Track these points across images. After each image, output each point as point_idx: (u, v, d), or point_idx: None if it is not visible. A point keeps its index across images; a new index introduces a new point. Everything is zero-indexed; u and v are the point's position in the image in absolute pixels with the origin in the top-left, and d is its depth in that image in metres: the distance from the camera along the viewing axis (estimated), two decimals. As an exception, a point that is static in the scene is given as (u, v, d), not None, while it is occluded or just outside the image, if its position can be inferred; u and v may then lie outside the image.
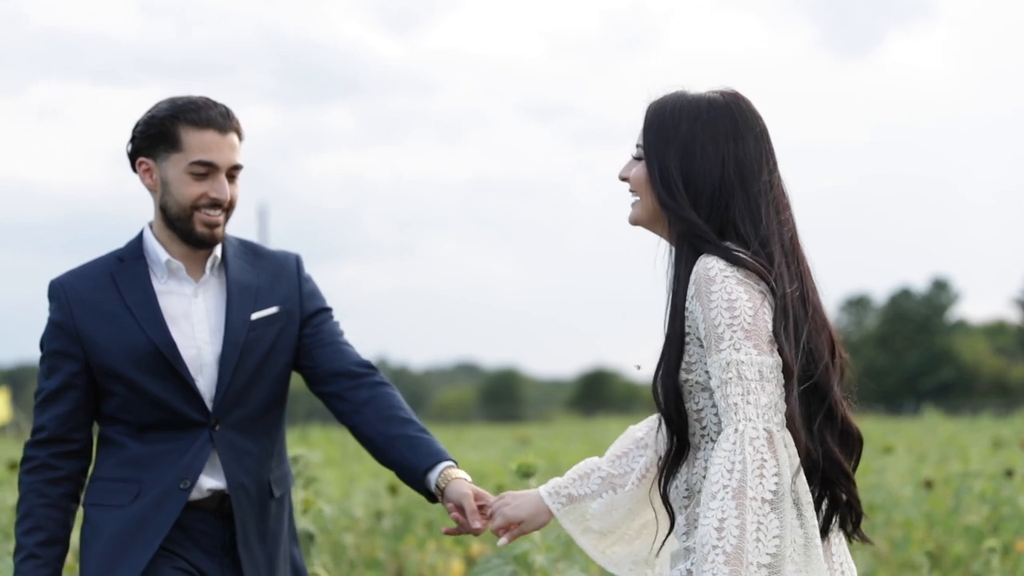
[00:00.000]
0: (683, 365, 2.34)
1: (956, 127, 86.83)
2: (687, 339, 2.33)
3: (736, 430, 2.21)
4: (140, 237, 2.95)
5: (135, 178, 2.96)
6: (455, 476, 2.86)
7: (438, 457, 2.89)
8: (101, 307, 2.87)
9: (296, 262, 3.04)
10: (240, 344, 2.89)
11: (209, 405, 2.87)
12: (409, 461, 2.89)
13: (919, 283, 62.32)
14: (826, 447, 2.30)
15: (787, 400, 2.26)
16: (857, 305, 60.80)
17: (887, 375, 54.52)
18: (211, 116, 2.84)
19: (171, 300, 2.89)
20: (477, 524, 2.78)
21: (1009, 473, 6.91)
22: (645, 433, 2.68)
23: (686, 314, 2.33)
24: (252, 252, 3.02)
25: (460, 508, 2.81)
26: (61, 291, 2.90)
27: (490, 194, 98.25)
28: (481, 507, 2.80)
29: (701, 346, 2.32)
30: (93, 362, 2.86)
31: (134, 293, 2.88)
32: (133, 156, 2.90)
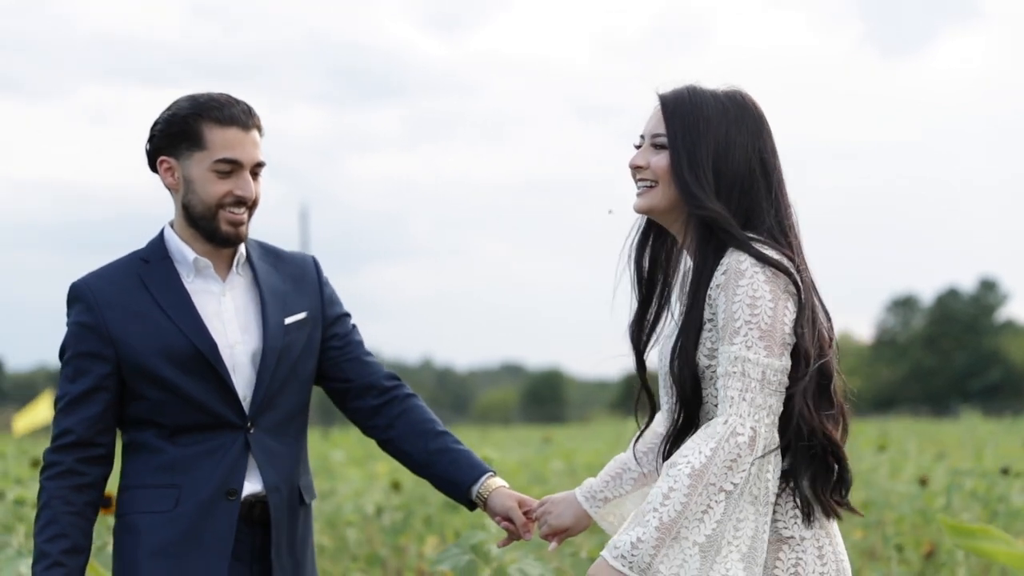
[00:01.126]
0: (706, 352, 2.42)
1: (1004, 127, 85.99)
2: (708, 326, 2.42)
3: (725, 422, 2.31)
4: (162, 237, 2.91)
5: None
6: (496, 486, 2.91)
7: (480, 470, 2.94)
8: (132, 308, 2.81)
9: (315, 265, 3.03)
10: (278, 348, 2.85)
11: (245, 407, 2.83)
12: (452, 475, 2.94)
13: (967, 283, 61.99)
14: (821, 418, 2.42)
15: (798, 382, 2.36)
16: (904, 306, 60.37)
17: (934, 376, 54.15)
18: (234, 113, 2.79)
19: (201, 299, 2.85)
20: (528, 536, 2.88)
21: (1005, 471, 6.98)
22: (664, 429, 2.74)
23: (708, 302, 2.42)
24: (273, 254, 2.99)
25: (509, 519, 2.88)
26: (88, 293, 2.83)
27: (536, 195, 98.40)
28: (526, 513, 2.88)
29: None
30: (126, 364, 2.80)
31: (167, 294, 2.82)
32: (154, 155, 2.85)
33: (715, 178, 2.45)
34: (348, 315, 3.05)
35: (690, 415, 2.46)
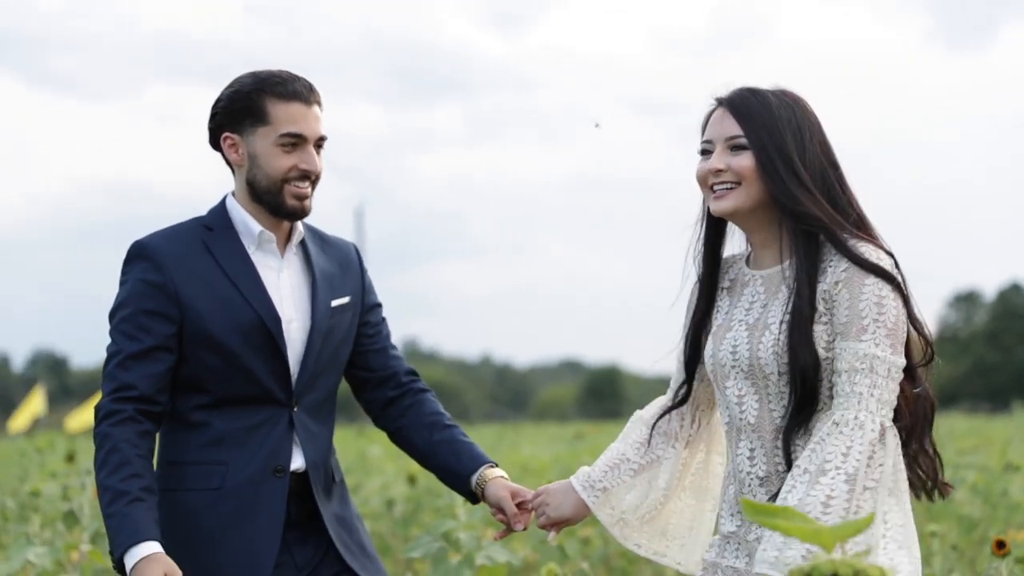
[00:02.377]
0: (823, 345, 2.47)
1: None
2: (824, 319, 2.47)
3: (856, 418, 2.38)
4: (224, 207, 2.90)
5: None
6: (492, 476, 2.93)
7: (480, 460, 2.96)
8: (199, 272, 2.81)
9: (356, 252, 3.06)
10: (324, 329, 2.88)
11: (292, 384, 2.85)
12: (452, 465, 2.97)
13: (1030, 278, 61.07)
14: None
15: (921, 380, 2.49)
16: (966, 301, 59.78)
17: (997, 372, 53.57)
18: (296, 89, 2.81)
19: (263, 272, 2.86)
20: (519, 527, 2.89)
21: (1016, 468, 7.04)
22: (666, 422, 2.81)
23: (823, 297, 2.47)
24: (319, 237, 3.01)
25: (501, 510, 2.90)
26: (155, 252, 2.81)
27: (595, 192, 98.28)
28: (520, 504, 2.89)
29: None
30: (191, 328, 2.78)
31: (233, 263, 2.83)
32: (217, 132, 2.86)
33: (806, 174, 2.52)
34: (381, 305, 3.09)
35: (806, 407, 2.48)
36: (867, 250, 2.47)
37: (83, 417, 25.90)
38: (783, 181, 2.51)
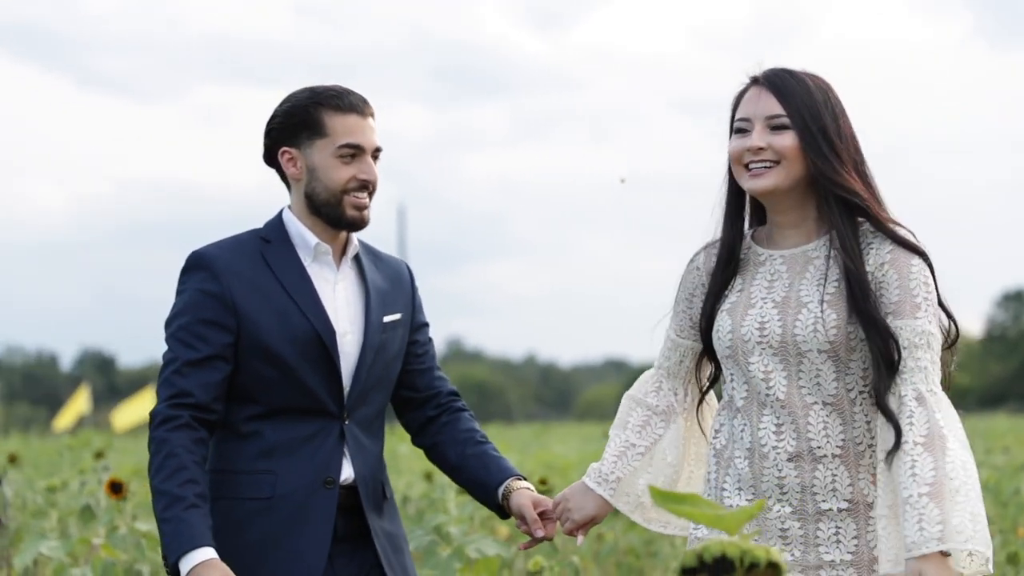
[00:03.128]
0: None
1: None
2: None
3: (931, 391, 2.47)
4: (280, 220, 2.93)
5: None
6: (517, 487, 2.94)
7: (507, 473, 2.97)
8: (256, 283, 2.83)
9: (409, 270, 3.09)
10: (376, 343, 2.90)
11: (345, 397, 2.87)
12: (481, 478, 2.99)
13: (1079, 276, 60.46)
14: None
15: (945, 361, 2.57)
16: (1015, 300, 59.22)
17: (1046, 371, 53.05)
18: (352, 101, 2.85)
19: (319, 284, 2.88)
20: (540, 533, 2.89)
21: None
22: (661, 399, 2.85)
23: (870, 272, 2.54)
24: (373, 253, 3.03)
25: (524, 519, 2.92)
26: (213, 262, 2.84)
27: (640, 191, 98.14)
28: (543, 513, 2.89)
29: None
30: (247, 338, 2.80)
31: (290, 275, 2.85)
32: (274, 147, 2.89)
33: (846, 156, 2.57)
34: (428, 325, 3.12)
35: (893, 370, 2.50)
36: (905, 232, 2.55)
37: (130, 416, 26.19)
38: (827, 160, 2.55)
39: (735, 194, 2.69)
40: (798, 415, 2.55)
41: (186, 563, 2.62)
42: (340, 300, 2.89)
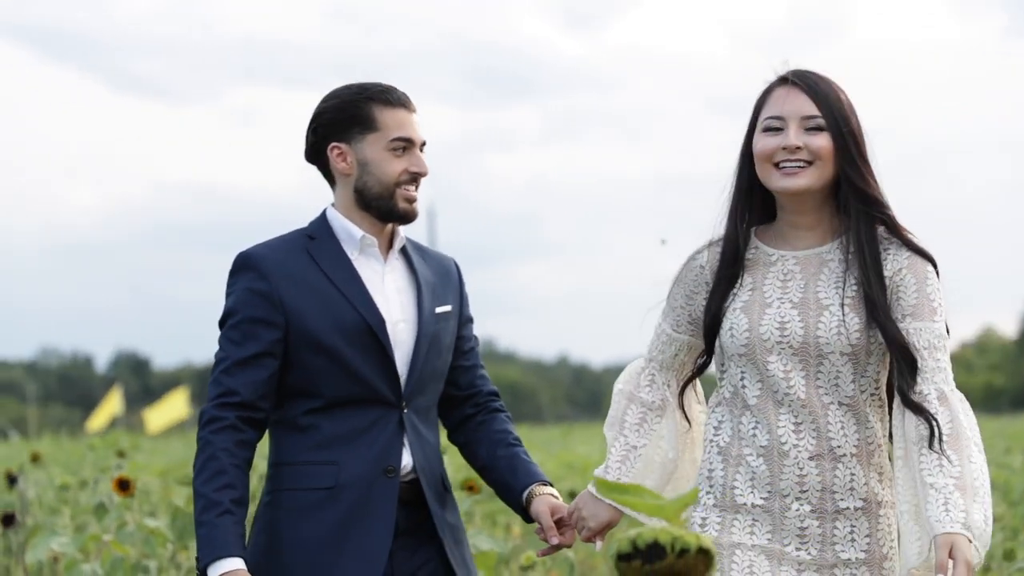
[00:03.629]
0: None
1: None
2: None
3: (952, 391, 2.55)
4: (325, 217, 2.97)
5: (320, 180, 3.03)
6: (539, 493, 2.96)
7: (533, 478, 2.99)
8: (304, 280, 2.87)
9: (456, 266, 3.12)
10: (431, 333, 2.94)
11: (402, 385, 2.90)
12: (508, 481, 3.01)
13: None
14: None
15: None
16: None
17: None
18: (399, 96, 2.90)
19: (367, 275, 2.92)
20: (555, 540, 2.90)
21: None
22: (652, 395, 2.85)
23: (887, 277, 2.60)
24: (419, 248, 3.07)
25: (540, 524, 2.94)
26: (260, 261, 2.89)
27: (672, 191, 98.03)
28: (560, 520, 2.89)
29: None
30: (296, 333, 2.85)
31: (337, 269, 2.89)
32: (322, 143, 2.92)
33: (870, 161, 2.64)
34: (473, 321, 3.15)
35: (914, 372, 2.55)
36: (918, 239, 2.63)
37: (162, 417, 26.38)
38: (856, 164, 2.59)
39: (745, 192, 2.70)
40: (818, 415, 2.59)
41: (214, 570, 2.71)
42: (390, 290, 2.93)
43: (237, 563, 2.71)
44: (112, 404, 27.12)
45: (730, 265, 2.68)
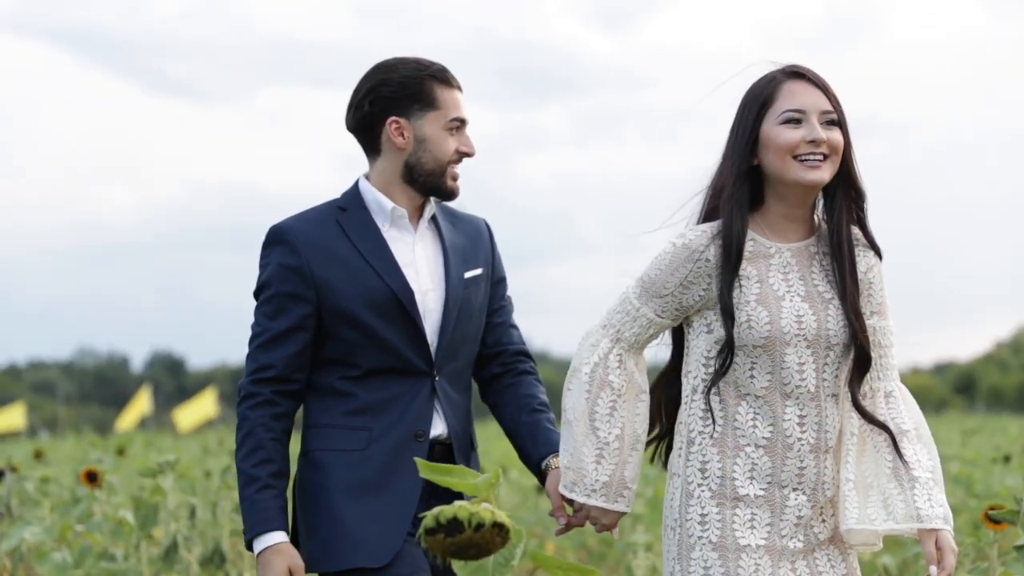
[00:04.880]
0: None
1: None
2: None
3: (902, 387, 2.72)
4: (357, 189, 3.02)
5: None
6: (555, 466, 2.95)
7: (552, 448, 2.99)
8: (333, 252, 2.93)
9: (487, 227, 3.16)
10: (459, 299, 2.98)
11: (432, 354, 2.96)
12: (528, 448, 3.04)
13: None
14: None
15: None
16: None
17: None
18: (453, 76, 2.98)
19: (396, 246, 2.97)
20: (562, 520, 2.88)
21: (1007, 459, 7.20)
22: (620, 378, 2.75)
23: (861, 273, 2.71)
24: (450, 212, 3.10)
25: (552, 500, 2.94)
26: (292, 236, 2.94)
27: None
28: (569, 501, 2.82)
29: None
30: (327, 306, 2.91)
31: (366, 240, 2.94)
32: (379, 116, 2.95)
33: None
34: (505, 280, 3.18)
35: (867, 370, 2.68)
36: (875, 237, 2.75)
37: (193, 416, 26.69)
38: (854, 161, 2.69)
39: (745, 182, 2.70)
40: (821, 407, 2.66)
41: (259, 544, 2.85)
42: (420, 259, 2.99)
43: (278, 536, 2.85)
44: (141, 403, 27.45)
45: (736, 255, 2.67)
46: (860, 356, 2.65)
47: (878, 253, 2.73)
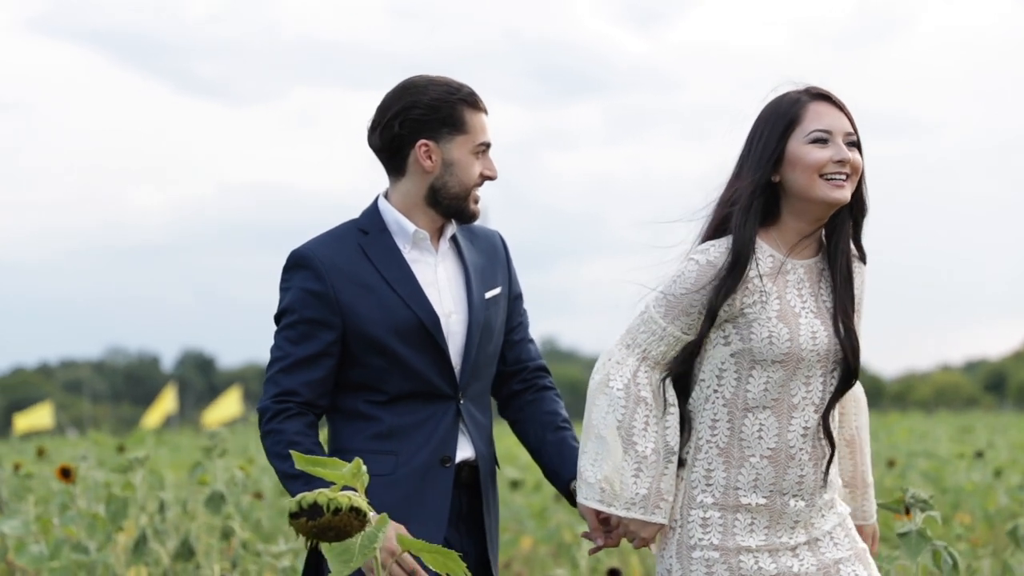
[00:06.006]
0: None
1: None
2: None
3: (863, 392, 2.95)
4: (376, 209, 2.99)
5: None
6: None
7: None
8: (358, 278, 2.90)
9: (503, 241, 3.14)
10: (481, 321, 2.97)
11: (457, 377, 2.94)
12: (556, 467, 3.02)
13: None
14: None
15: None
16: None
17: None
18: (480, 99, 2.97)
19: (418, 269, 2.95)
20: (599, 542, 2.87)
21: (980, 454, 7.29)
22: (649, 392, 2.78)
23: (856, 289, 2.82)
24: (466, 229, 3.07)
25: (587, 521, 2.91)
26: (316, 260, 2.91)
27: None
28: (605, 521, 2.84)
29: None
30: (352, 332, 2.88)
31: (389, 266, 2.92)
32: (409, 138, 2.93)
33: None
34: (522, 296, 3.17)
35: (850, 385, 2.81)
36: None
37: (219, 414, 26.99)
38: (865, 182, 2.80)
39: (761, 195, 2.75)
40: (816, 418, 2.76)
41: None
42: (443, 282, 2.97)
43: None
44: (166, 402, 27.77)
45: (742, 264, 2.72)
46: (850, 374, 2.78)
47: (863, 259, 2.87)
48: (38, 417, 24.82)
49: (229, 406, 27.50)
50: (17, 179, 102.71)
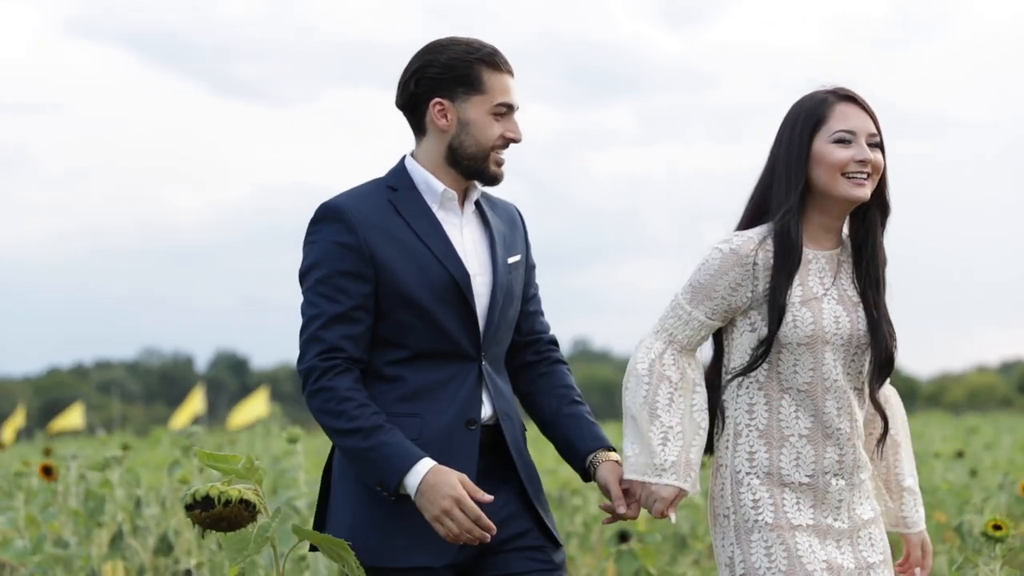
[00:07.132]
0: None
1: None
2: None
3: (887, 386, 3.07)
4: (404, 168, 2.98)
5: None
6: (606, 459, 2.97)
7: (600, 442, 3.00)
8: (390, 232, 2.88)
9: (519, 213, 3.14)
10: (504, 284, 2.96)
11: (480, 337, 2.94)
12: (573, 440, 3.02)
13: None
14: None
15: None
16: None
17: None
18: (504, 60, 2.94)
19: (447, 228, 2.94)
20: (622, 509, 2.92)
21: (960, 454, 7.39)
22: (675, 373, 2.92)
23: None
24: (487, 197, 3.07)
25: (607, 492, 2.95)
26: (347, 213, 2.87)
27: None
28: (627, 491, 2.92)
29: None
30: (385, 286, 2.86)
31: (420, 222, 2.91)
32: (424, 96, 2.93)
33: None
34: (535, 266, 3.17)
35: (888, 373, 2.97)
36: None
37: (244, 415, 27.20)
38: (888, 181, 2.95)
39: (800, 196, 2.91)
40: (851, 400, 2.91)
41: (412, 478, 2.76)
42: (468, 243, 2.96)
43: (431, 462, 2.77)
44: (195, 403, 28.01)
45: (793, 262, 2.88)
46: (888, 358, 2.93)
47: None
48: (69, 418, 25.21)
49: (256, 407, 27.70)
50: (54, 180, 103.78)
